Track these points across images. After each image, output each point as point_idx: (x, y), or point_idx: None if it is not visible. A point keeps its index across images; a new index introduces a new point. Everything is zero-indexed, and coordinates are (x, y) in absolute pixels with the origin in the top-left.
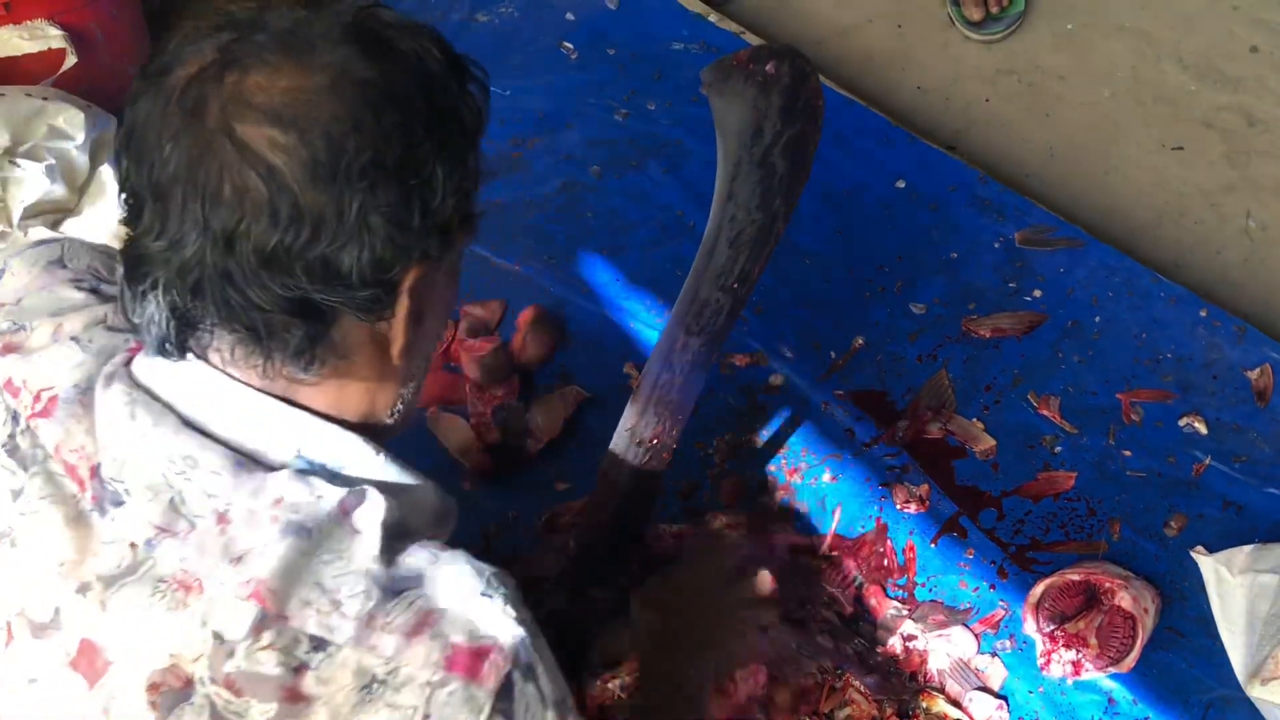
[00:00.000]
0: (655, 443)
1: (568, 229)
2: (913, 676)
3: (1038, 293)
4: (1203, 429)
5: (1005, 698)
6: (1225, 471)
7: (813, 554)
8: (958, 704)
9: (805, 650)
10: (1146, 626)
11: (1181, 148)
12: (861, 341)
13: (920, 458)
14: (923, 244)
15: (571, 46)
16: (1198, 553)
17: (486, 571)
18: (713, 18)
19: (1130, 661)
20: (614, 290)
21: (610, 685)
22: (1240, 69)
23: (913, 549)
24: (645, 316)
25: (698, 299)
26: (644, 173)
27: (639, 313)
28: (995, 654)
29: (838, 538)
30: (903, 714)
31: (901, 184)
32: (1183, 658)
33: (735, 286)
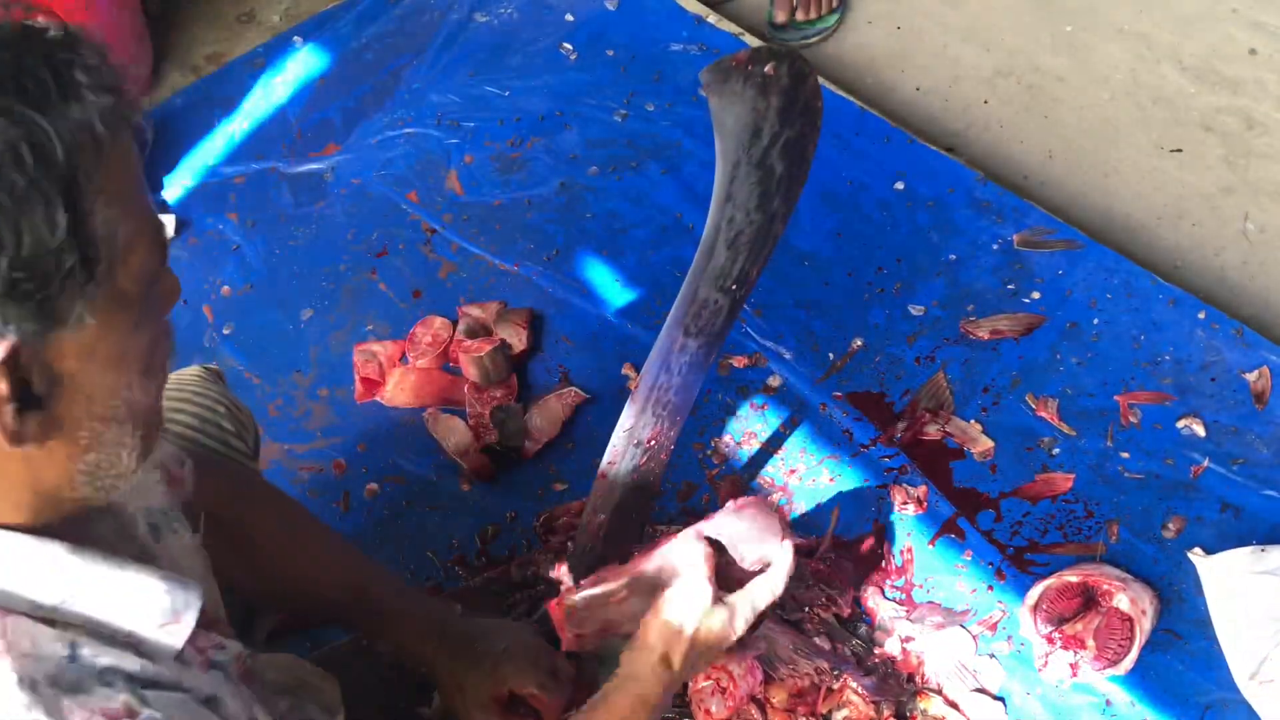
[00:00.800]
0: (653, 444)
1: (567, 230)
2: (910, 678)
3: (1036, 294)
4: (1201, 431)
5: (1002, 699)
6: (1223, 474)
7: (811, 555)
8: (955, 706)
9: (802, 651)
10: (1144, 628)
11: (1180, 150)
12: (860, 343)
13: (918, 459)
14: (921, 246)
15: (571, 47)
16: (1195, 555)
17: None
18: (712, 19)
19: (1128, 663)
20: (612, 291)
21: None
22: (1239, 71)
23: (910, 550)
24: (643, 318)
25: (696, 300)
26: (643, 174)
27: (637, 314)
28: (993, 655)
29: (836, 539)
30: (900, 715)
31: (900, 185)
32: (1180, 660)
33: (734, 288)
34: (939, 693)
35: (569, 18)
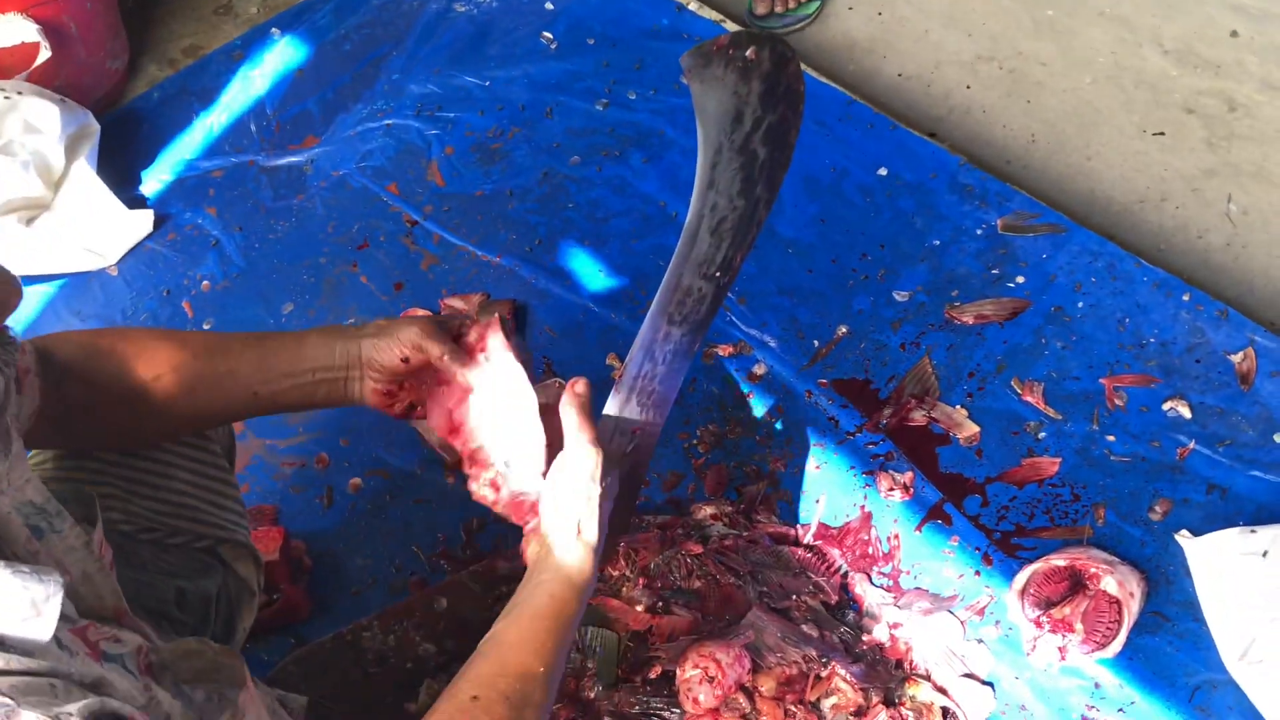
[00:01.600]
0: (638, 433)
1: (549, 220)
2: (898, 664)
3: (1020, 279)
4: (1187, 413)
5: (991, 684)
6: (1209, 455)
7: (797, 543)
8: (944, 691)
9: (790, 639)
10: (1132, 611)
11: (1163, 133)
12: (845, 330)
13: (904, 445)
14: (905, 231)
15: (551, 36)
16: (1183, 537)
17: None
18: (693, 6)
19: (1116, 646)
20: (596, 281)
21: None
22: (1220, 54)
23: (897, 537)
24: (627, 307)
25: (680, 288)
26: (625, 163)
27: (621, 303)
28: (981, 640)
29: (822, 526)
30: (889, 702)
31: (883, 171)
32: (1168, 641)
33: (717, 275)
34: (927, 679)
35: (549, 6)
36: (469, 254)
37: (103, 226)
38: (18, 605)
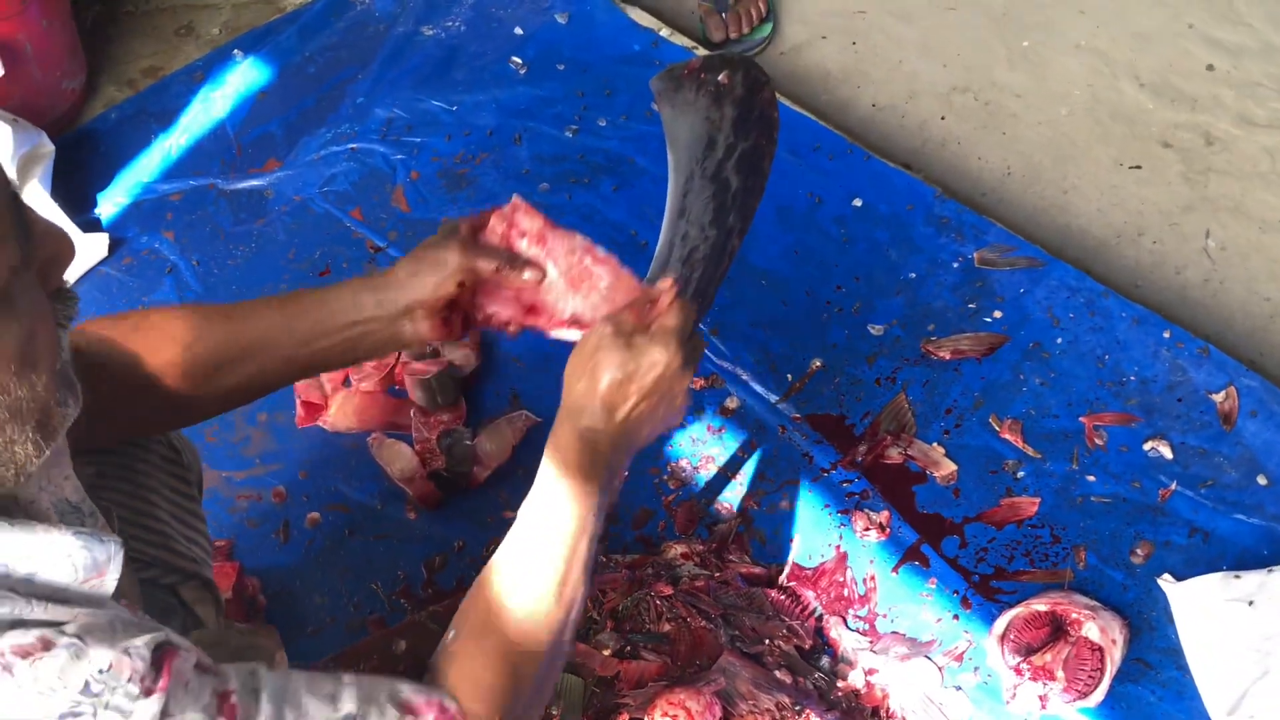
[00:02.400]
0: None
1: None
2: (875, 712)
3: (998, 313)
4: (1168, 453)
5: None
6: (1192, 497)
7: (771, 584)
8: None
9: (763, 686)
10: (1114, 658)
11: (1139, 167)
12: (819, 363)
13: (880, 483)
14: (880, 264)
15: (520, 61)
16: (1165, 581)
17: None
18: (664, 32)
19: (1099, 695)
20: None
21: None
22: (1196, 88)
23: (874, 578)
24: None
25: None
26: (595, 190)
27: None
28: (959, 688)
29: (796, 567)
30: None
31: (858, 202)
32: (1151, 690)
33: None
34: None
35: (518, 31)
36: None
37: None
38: (82, 565)
